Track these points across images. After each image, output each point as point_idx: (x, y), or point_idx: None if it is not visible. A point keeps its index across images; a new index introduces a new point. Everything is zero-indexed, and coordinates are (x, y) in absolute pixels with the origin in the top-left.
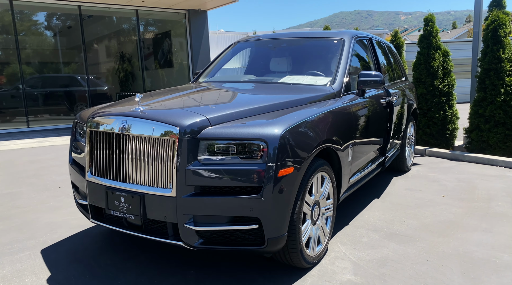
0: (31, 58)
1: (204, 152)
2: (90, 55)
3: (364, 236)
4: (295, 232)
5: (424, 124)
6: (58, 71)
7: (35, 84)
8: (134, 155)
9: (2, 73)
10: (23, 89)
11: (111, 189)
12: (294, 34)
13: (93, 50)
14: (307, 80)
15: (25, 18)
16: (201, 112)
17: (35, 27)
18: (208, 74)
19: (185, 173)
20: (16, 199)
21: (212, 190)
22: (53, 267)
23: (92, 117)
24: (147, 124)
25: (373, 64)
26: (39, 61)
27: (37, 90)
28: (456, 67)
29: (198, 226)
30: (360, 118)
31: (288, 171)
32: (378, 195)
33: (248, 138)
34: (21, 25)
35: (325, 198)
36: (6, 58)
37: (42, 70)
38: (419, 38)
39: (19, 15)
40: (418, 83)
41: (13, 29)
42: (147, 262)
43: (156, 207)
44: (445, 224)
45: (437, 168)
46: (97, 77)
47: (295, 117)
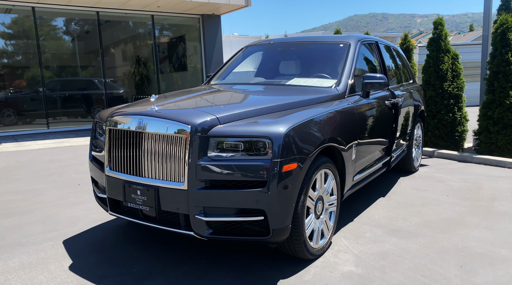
0: (51, 62)
1: (214, 149)
2: (107, 59)
3: (368, 232)
4: (298, 224)
5: (433, 127)
6: (77, 74)
7: (54, 88)
8: (149, 151)
9: (24, 77)
10: (43, 92)
11: (128, 182)
12: (302, 39)
13: (110, 54)
14: (313, 83)
15: (45, 23)
16: (211, 111)
17: (55, 32)
18: (219, 77)
19: (196, 168)
20: (39, 195)
21: (221, 184)
22: (75, 256)
23: (111, 117)
24: (161, 123)
25: (379, 67)
26: (59, 65)
27: (57, 93)
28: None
29: (208, 217)
30: (364, 119)
31: (291, 166)
32: (384, 193)
33: (254, 136)
34: (42, 30)
35: (328, 193)
36: (27, 62)
37: (61, 74)
38: (429, 42)
39: (40, 20)
40: (427, 86)
41: (35, 34)
42: (161, 252)
43: (169, 199)
44: (447, 221)
45: (444, 169)
46: (114, 81)
47: (299, 117)
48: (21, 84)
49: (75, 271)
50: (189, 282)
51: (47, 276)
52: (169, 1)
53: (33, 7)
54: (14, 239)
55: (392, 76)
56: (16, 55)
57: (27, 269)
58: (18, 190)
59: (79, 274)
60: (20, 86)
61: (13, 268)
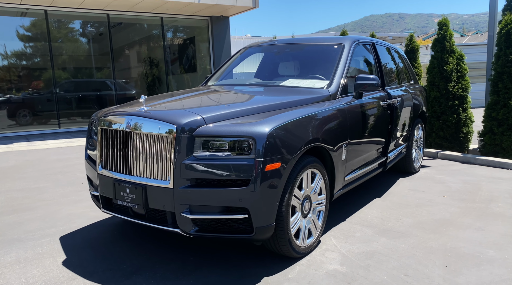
0: (63, 64)
1: (199, 148)
2: (118, 61)
3: (358, 231)
4: (283, 222)
5: (437, 128)
6: (88, 76)
7: (66, 89)
8: (138, 150)
9: (36, 79)
10: (55, 94)
11: (118, 181)
12: (299, 40)
13: (121, 56)
14: (306, 83)
15: (58, 26)
16: (197, 112)
17: (67, 35)
18: (217, 78)
19: (181, 166)
20: (42, 192)
21: (206, 182)
22: (69, 251)
23: (103, 117)
24: (149, 123)
25: (375, 68)
26: (70, 67)
27: (68, 94)
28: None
29: (194, 215)
30: (356, 120)
31: (275, 166)
32: (380, 194)
33: (238, 136)
34: (54, 33)
35: (316, 193)
36: (40, 64)
37: (72, 75)
38: (433, 42)
39: (52, 23)
40: (432, 87)
41: (47, 36)
42: (153, 249)
43: (156, 197)
44: (440, 222)
45: (446, 170)
46: (126, 82)
47: (285, 117)
48: (34, 86)
49: (68, 266)
50: (176, 278)
51: (41, 270)
52: (177, 3)
53: (45, 10)
54: (14, 235)
55: (390, 77)
56: (29, 57)
57: (22, 264)
58: (23, 188)
59: (71, 269)
60: (33, 87)
61: (10, 263)
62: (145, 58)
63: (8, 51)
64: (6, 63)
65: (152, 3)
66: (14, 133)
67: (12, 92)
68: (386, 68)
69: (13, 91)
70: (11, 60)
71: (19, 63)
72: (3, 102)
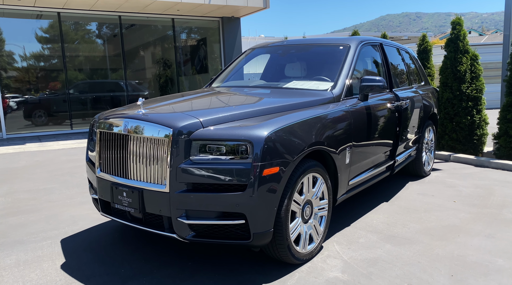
0: (76, 66)
1: (196, 152)
2: (130, 62)
3: (362, 237)
4: (281, 228)
5: (450, 130)
6: (101, 77)
7: (79, 90)
8: (134, 153)
9: (50, 80)
10: (68, 95)
11: (115, 184)
12: (304, 41)
13: (133, 58)
14: (310, 85)
15: (70, 28)
16: (195, 115)
17: (80, 37)
18: (222, 79)
19: (178, 170)
20: (49, 194)
21: (203, 187)
22: (69, 254)
23: (101, 119)
24: (145, 126)
25: (382, 69)
26: (83, 68)
27: (81, 95)
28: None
29: (190, 220)
30: (361, 122)
31: (273, 170)
32: (388, 198)
33: (235, 139)
34: (67, 35)
35: (318, 198)
36: (53, 65)
37: (85, 77)
38: (446, 42)
39: (65, 25)
40: (445, 88)
41: (60, 38)
42: (151, 254)
43: (153, 201)
44: (448, 229)
45: (458, 173)
46: (138, 83)
47: (284, 120)
48: (47, 87)
49: (66, 270)
50: (173, 283)
51: (39, 274)
52: (188, 5)
53: (58, 13)
54: (16, 237)
55: (399, 78)
56: (43, 59)
57: (21, 267)
58: (30, 189)
59: (69, 272)
60: (46, 89)
61: (9, 265)
62: (157, 60)
63: (22, 53)
64: (20, 65)
65: (163, 4)
66: (27, 134)
67: (26, 94)
68: (394, 69)
69: (27, 92)
70: (26, 62)
71: (33, 64)
72: (18, 103)
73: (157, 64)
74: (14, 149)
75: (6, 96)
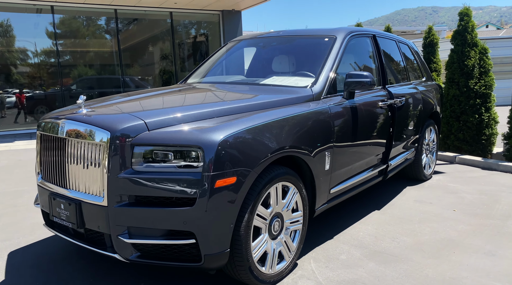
0: (70, 61)
1: (139, 159)
2: (127, 57)
3: (344, 253)
4: (241, 248)
5: (456, 129)
6: (97, 73)
7: (76, 86)
8: (72, 160)
9: (41, 76)
10: (61, 91)
11: (53, 194)
12: (289, 33)
13: (130, 52)
14: (290, 82)
15: (64, 22)
16: (140, 115)
17: (74, 31)
18: (200, 74)
19: (117, 181)
20: (17, 197)
21: (147, 200)
22: (12, 270)
23: (41, 120)
24: (82, 128)
25: (375, 64)
26: (78, 64)
27: (76, 92)
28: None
29: (132, 239)
30: (344, 124)
31: (228, 181)
32: (380, 206)
33: (183, 145)
34: (61, 29)
35: (289, 210)
36: (47, 61)
37: (81, 73)
38: (453, 35)
39: (59, 19)
40: (451, 84)
41: (54, 33)
42: (103, 272)
43: (91, 215)
44: (443, 243)
45: (462, 177)
46: (136, 79)
47: (247, 122)
48: (40, 83)
49: None
50: None
51: None
52: None
53: (52, 6)
54: None
55: (395, 74)
56: (36, 54)
57: None
58: (1, 192)
59: None
60: (39, 85)
61: None
62: (154, 55)
63: (14, 48)
64: (14, 61)
65: None
66: (18, 131)
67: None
68: (390, 64)
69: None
70: (19, 57)
71: (27, 60)
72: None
73: (155, 59)
74: (1, 147)
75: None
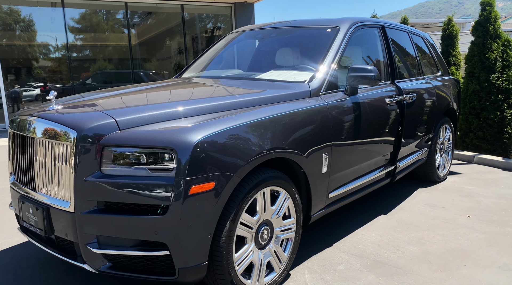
0: (81, 56)
1: (108, 161)
2: (138, 51)
3: (343, 263)
4: (221, 259)
5: (476, 127)
6: (107, 67)
7: (98, 80)
8: (40, 160)
9: (52, 71)
10: (72, 86)
11: (22, 197)
12: (290, 23)
13: (141, 46)
14: (288, 76)
15: (75, 16)
16: (112, 113)
17: (85, 25)
18: (195, 69)
19: (84, 185)
20: (6, 196)
21: (118, 207)
22: None
23: (14, 116)
24: (49, 126)
25: (383, 57)
26: (89, 58)
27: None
28: None
29: (102, 249)
30: (345, 123)
31: (205, 187)
32: (387, 210)
33: (155, 146)
34: (73, 23)
35: (280, 217)
36: (58, 55)
37: (91, 67)
38: (473, 26)
39: (69, 13)
40: (471, 78)
41: (64, 27)
42: (84, 278)
43: (59, 222)
44: (453, 254)
45: (480, 179)
46: (156, 73)
47: (230, 121)
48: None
49: None
50: None
51: None
52: None
53: (62, 0)
54: None
55: (406, 68)
56: (47, 49)
57: None
58: None
59: None
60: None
61: None
62: (167, 49)
63: (25, 43)
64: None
65: None
66: None
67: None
68: (400, 57)
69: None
70: (33, 51)
71: (40, 55)
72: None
73: (168, 53)
74: (2, 142)
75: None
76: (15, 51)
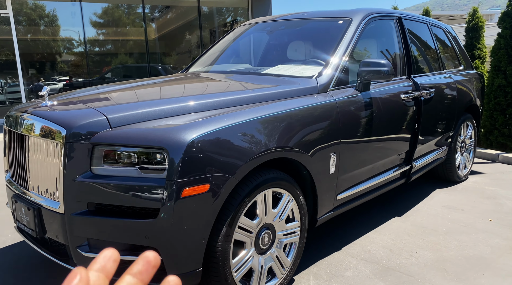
0: (96, 50)
1: (99, 160)
2: (154, 45)
3: (351, 269)
4: (217, 266)
5: (501, 124)
6: (123, 61)
7: (117, 74)
8: (32, 158)
9: (72, 64)
10: (89, 81)
11: (16, 196)
12: (299, 15)
13: (157, 41)
14: (296, 71)
15: (90, 11)
16: (103, 110)
17: (100, 20)
18: (202, 63)
19: (73, 185)
20: None
21: (109, 209)
22: None
23: (8, 112)
24: (39, 124)
25: (399, 50)
26: (105, 52)
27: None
28: None
29: (92, 253)
30: (355, 120)
31: (198, 189)
32: (402, 212)
33: (146, 145)
34: (87, 19)
35: (283, 220)
36: (75, 50)
37: (105, 62)
38: (500, 17)
39: (84, 8)
40: (497, 73)
41: (82, 21)
42: None
43: (50, 223)
44: (471, 262)
45: (504, 179)
46: (174, 67)
47: (226, 119)
48: (74, 72)
49: None
50: None
51: None
52: None
53: None
54: None
55: (426, 61)
56: (64, 43)
57: None
58: None
59: None
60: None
61: None
62: (184, 43)
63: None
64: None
65: None
66: None
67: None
68: (419, 50)
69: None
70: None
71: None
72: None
73: (185, 48)
74: None
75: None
76: (39, 45)
